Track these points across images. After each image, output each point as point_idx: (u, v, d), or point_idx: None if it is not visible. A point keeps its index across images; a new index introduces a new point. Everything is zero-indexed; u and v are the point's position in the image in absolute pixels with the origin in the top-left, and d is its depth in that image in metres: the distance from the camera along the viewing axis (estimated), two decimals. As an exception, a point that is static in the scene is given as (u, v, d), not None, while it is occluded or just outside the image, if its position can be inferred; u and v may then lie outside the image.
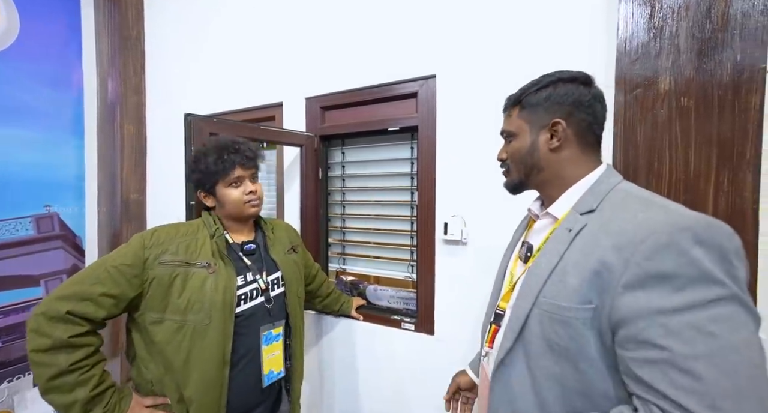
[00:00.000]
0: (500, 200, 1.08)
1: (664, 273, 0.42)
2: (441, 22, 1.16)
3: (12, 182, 1.69)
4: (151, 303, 0.77)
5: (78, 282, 0.73)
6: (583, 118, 0.58)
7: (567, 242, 0.53)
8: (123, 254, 0.77)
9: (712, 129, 0.76)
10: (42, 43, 1.78)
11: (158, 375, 0.78)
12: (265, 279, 0.91)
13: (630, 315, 0.44)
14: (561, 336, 0.51)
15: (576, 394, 0.51)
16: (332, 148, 1.50)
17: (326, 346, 1.44)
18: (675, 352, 0.40)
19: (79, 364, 0.70)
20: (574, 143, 0.59)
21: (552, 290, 0.53)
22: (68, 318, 0.69)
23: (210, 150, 0.87)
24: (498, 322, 0.64)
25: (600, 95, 0.59)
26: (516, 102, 0.64)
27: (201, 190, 0.90)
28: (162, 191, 1.95)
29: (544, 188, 0.63)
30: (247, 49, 1.59)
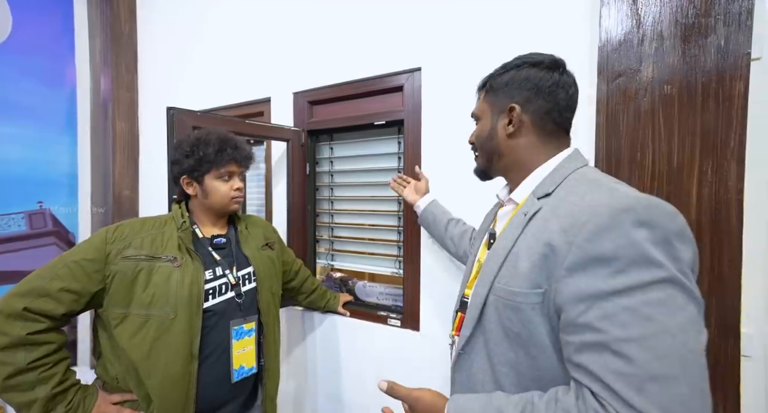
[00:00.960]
0: (486, 194, 1.06)
1: (603, 255, 0.42)
2: (426, 15, 1.15)
3: (4, 179, 1.70)
4: (114, 299, 0.76)
5: (36, 278, 0.71)
6: (541, 104, 0.56)
7: (521, 227, 0.53)
8: (84, 249, 0.75)
9: (696, 118, 0.73)
10: (34, 40, 1.78)
11: (122, 371, 0.77)
12: (235, 274, 0.89)
13: (571, 298, 0.43)
14: (513, 322, 0.50)
15: (530, 380, 0.50)
16: (320, 143, 1.49)
17: (312, 342, 1.42)
18: (610, 335, 0.40)
19: (40, 362, 0.68)
20: (530, 130, 0.57)
21: (505, 276, 0.52)
22: (26, 315, 0.68)
23: (212, 140, 0.87)
24: (464, 310, 0.63)
25: (566, 82, 0.56)
26: (483, 85, 0.64)
27: (187, 176, 0.87)
28: (154, 187, 1.95)
29: (507, 174, 0.63)
30: (235, 46, 1.59)
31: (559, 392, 0.45)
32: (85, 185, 2.02)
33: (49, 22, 1.85)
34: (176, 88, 1.84)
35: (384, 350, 1.27)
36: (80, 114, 2.00)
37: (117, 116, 1.93)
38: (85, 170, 2.02)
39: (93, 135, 2.00)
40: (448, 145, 1.13)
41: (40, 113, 1.82)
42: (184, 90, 1.80)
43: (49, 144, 1.86)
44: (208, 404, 0.82)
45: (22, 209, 1.77)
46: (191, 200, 0.92)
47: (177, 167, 0.87)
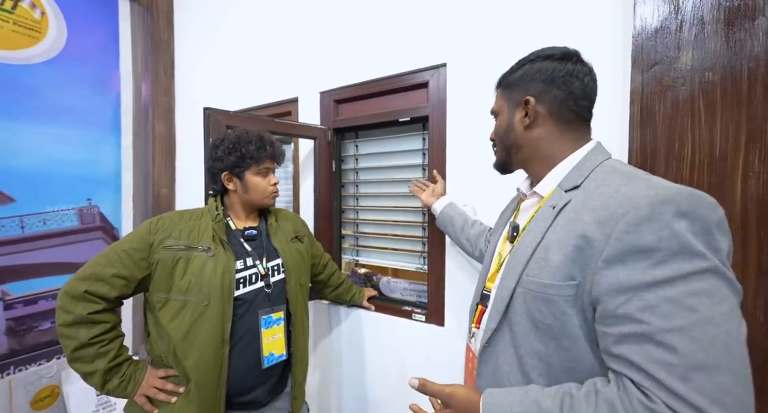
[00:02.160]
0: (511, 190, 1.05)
1: (644, 247, 0.42)
2: (452, 9, 1.15)
3: (58, 177, 1.85)
4: (157, 284, 0.83)
5: (94, 264, 0.80)
6: (556, 94, 0.57)
7: (550, 220, 0.53)
8: (131, 239, 0.83)
9: (741, 105, 0.69)
10: (85, 50, 1.94)
11: (165, 350, 0.83)
12: (264, 265, 0.94)
13: (609, 290, 0.43)
14: (545, 314, 0.50)
15: (560, 371, 0.50)
16: (346, 141, 1.52)
17: (337, 335, 1.46)
18: (652, 326, 0.40)
19: (98, 338, 0.77)
20: (548, 121, 0.58)
21: (535, 268, 0.52)
22: (86, 297, 0.76)
23: (252, 138, 0.92)
24: (484, 303, 0.64)
25: (580, 71, 0.57)
26: (500, 82, 0.66)
27: (229, 172, 0.93)
28: (189, 185, 2.06)
29: (528, 167, 0.63)
30: (264, 49, 1.65)
31: (597, 383, 0.45)
32: (128, 184, 2.17)
33: (98, 33, 2.00)
34: (209, 91, 1.94)
35: (408, 344, 1.28)
36: (124, 117, 2.14)
37: (156, 118, 2.05)
38: (128, 170, 2.16)
39: (135, 137, 2.14)
40: (473, 141, 1.12)
41: (89, 116, 1.97)
42: (217, 93, 1.90)
43: (96, 146, 2.01)
44: (240, 387, 0.87)
45: (74, 206, 1.92)
46: (228, 195, 0.97)
47: (219, 163, 0.92)
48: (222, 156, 0.92)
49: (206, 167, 0.97)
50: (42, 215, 1.80)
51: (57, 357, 1.81)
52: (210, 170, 0.95)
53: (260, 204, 0.97)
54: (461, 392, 0.54)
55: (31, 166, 1.75)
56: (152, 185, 2.06)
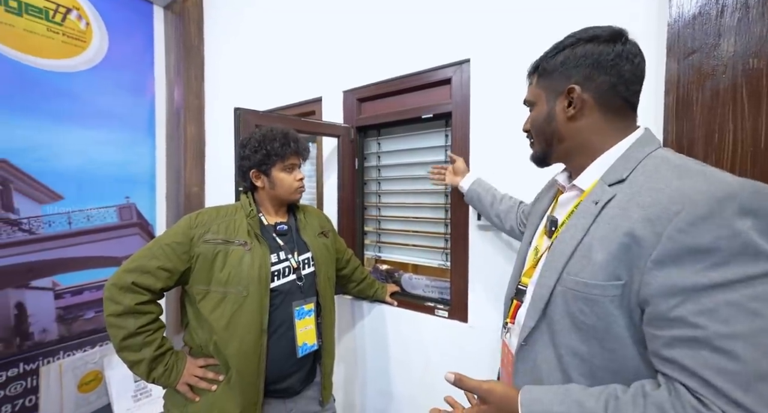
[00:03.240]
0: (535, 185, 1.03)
1: (700, 247, 0.39)
2: (475, 4, 1.14)
3: (100, 176, 1.99)
4: (198, 276, 0.87)
5: (140, 257, 0.84)
6: (604, 80, 0.52)
7: (593, 216, 0.50)
8: (174, 233, 0.87)
9: (789, 94, 0.66)
10: (124, 57, 2.06)
11: (205, 340, 0.87)
12: (296, 259, 0.97)
13: (661, 291, 0.41)
14: (587, 315, 0.48)
15: (604, 372, 0.48)
16: (368, 138, 1.54)
17: (360, 330, 1.48)
18: (709, 331, 0.38)
19: (145, 328, 0.82)
20: (595, 109, 0.53)
21: (576, 267, 0.50)
22: (133, 288, 0.81)
23: (277, 135, 0.96)
24: (520, 298, 0.62)
25: (628, 52, 0.51)
26: (535, 69, 0.61)
27: (256, 170, 0.96)
28: (217, 184, 2.15)
29: (569, 159, 0.60)
30: (288, 51, 1.70)
31: (646, 386, 0.43)
32: (162, 183, 2.29)
33: (135, 41, 2.12)
34: (237, 93, 2.01)
35: (431, 340, 1.28)
36: (158, 120, 2.26)
37: (187, 120, 2.15)
38: (162, 170, 2.28)
39: (168, 139, 2.25)
40: (498, 138, 1.11)
41: (127, 120, 2.10)
42: (242, 95, 1.97)
43: (133, 147, 2.14)
44: (277, 375, 0.91)
45: (114, 203, 2.05)
46: (258, 192, 1.01)
47: (247, 161, 0.97)
48: (249, 154, 0.96)
49: (236, 165, 1.01)
50: (86, 212, 1.93)
51: (100, 344, 1.94)
52: (239, 168, 0.99)
53: (287, 199, 1.00)
54: (499, 388, 0.52)
55: (76, 166, 1.88)
56: (183, 184, 2.16)
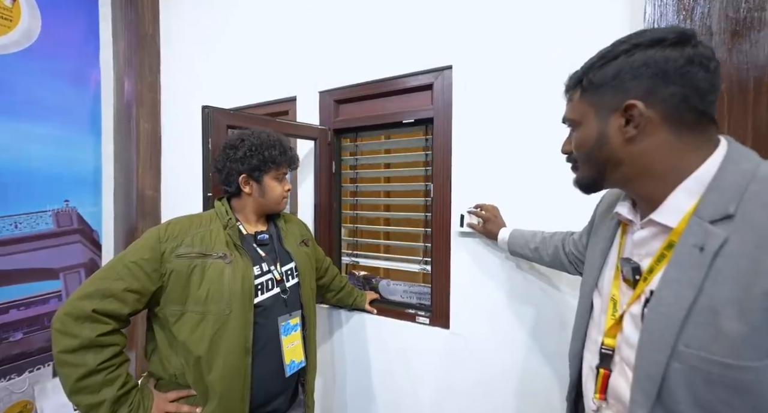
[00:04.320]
0: (518, 193, 1.06)
1: None
2: (457, 11, 1.14)
3: (32, 177, 1.73)
4: (171, 296, 0.77)
5: (100, 280, 0.72)
6: (673, 92, 0.43)
7: (703, 268, 0.40)
8: (140, 249, 0.77)
9: (747, 113, 0.73)
10: (62, 42, 1.82)
11: (180, 368, 0.78)
12: (279, 270, 0.91)
13: None
14: (736, 408, 0.37)
15: None
16: (346, 141, 1.50)
17: (339, 340, 1.43)
18: None
19: (107, 364, 0.70)
20: (662, 128, 0.44)
21: (698, 338, 0.39)
22: (94, 317, 0.69)
23: (275, 142, 0.91)
24: (607, 365, 0.51)
25: (702, 56, 0.43)
26: (577, 82, 0.51)
27: (248, 175, 0.89)
28: (176, 187, 1.97)
29: (632, 187, 0.50)
30: (260, 45, 1.60)
31: None
32: (109, 185, 2.05)
33: (76, 24, 1.88)
34: (198, 89, 1.86)
35: (413, 348, 1.27)
36: (104, 114, 2.02)
37: (141, 116, 1.95)
38: (109, 170, 2.05)
39: (117, 135, 2.02)
40: (480, 144, 1.12)
41: (65, 113, 1.85)
42: (207, 90, 1.82)
43: (74, 144, 1.89)
44: (263, 397, 0.84)
45: (50, 208, 1.80)
46: (240, 198, 0.93)
47: (238, 165, 0.88)
48: (242, 158, 0.88)
49: (218, 167, 0.92)
50: (13, 218, 1.67)
51: (29, 370, 1.68)
52: (225, 170, 0.90)
53: (273, 209, 0.95)
54: None
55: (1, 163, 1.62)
56: (136, 186, 1.95)
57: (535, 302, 1.06)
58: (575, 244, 0.81)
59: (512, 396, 1.08)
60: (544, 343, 1.04)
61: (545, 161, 1.01)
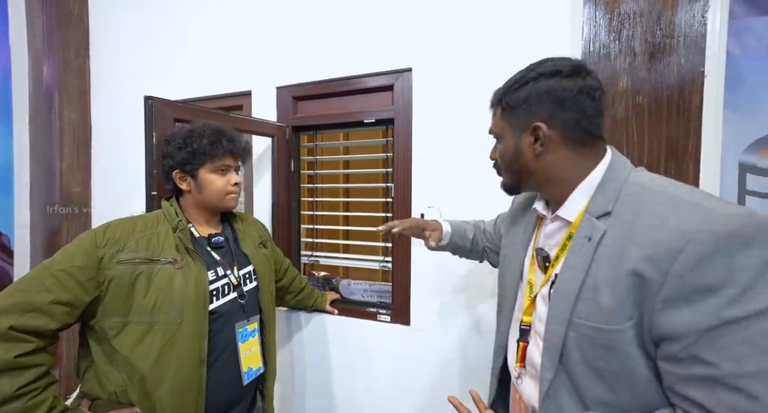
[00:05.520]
0: (476, 192, 1.12)
1: (709, 286, 0.39)
2: (417, 17, 1.18)
3: None
4: (110, 307, 0.69)
5: (19, 292, 0.63)
6: (568, 117, 0.51)
7: (590, 254, 0.49)
8: (71, 256, 0.68)
9: (662, 125, 0.85)
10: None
11: (122, 385, 0.70)
12: (236, 274, 0.86)
13: (673, 331, 0.41)
14: (609, 361, 0.46)
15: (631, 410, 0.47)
16: (304, 139, 1.46)
17: (298, 342, 1.39)
18: (724, 369, 0.38)
19: (28, 387, 0.60)
20: (561, 145, 0.53)
21: (585, 310, 0.48)
22: (11, 335, 0.60)
23: (206, 132, 0.84)
24: (525, 338, 0.60)
25: (588, 86, 0.51)
26: (498, 101, 0.60)
27: (180, 170, 0.83)
28: (110, 184, 1.77)
29: (543, 190, 0.59)
30: (211, 33, 1.50)
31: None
32: (23, 181, 1.78)
33: (-22, -7, 1.60)
34: (137, 77, 1.69)
35: (375, 345, 1.28)
36: (16, 100, 1.75)
37: (64, 104, 1.72)
38: (24, 164, 1.78)
39: (33, 124, 1.76)
40: (440, 144, 1.17)
41: (-35, 96, 1.57)
42: (147, 79, 1.66)
43: (-23, 133, 1.61)
44: (219, 407, 0.79)
45: (-56, 209, 1.51)
46: (184, 197, 0.86)
47: (169, 160, 0.82)
48: (172, 152, 0.82)
49: (158, 164, 0.85)
50: None
51: None
52: (162, 167, 0.84)
53: (218, 206, 0.87)
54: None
55: None
56: (59, 182, 1.72)
57: (489, 295, 1.13)
58: (490, 237, 0.90)
59: (473, 386, 1.13)
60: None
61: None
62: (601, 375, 0.47)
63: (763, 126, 0.81)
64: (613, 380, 0.47)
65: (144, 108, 0.98)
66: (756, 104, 0.81)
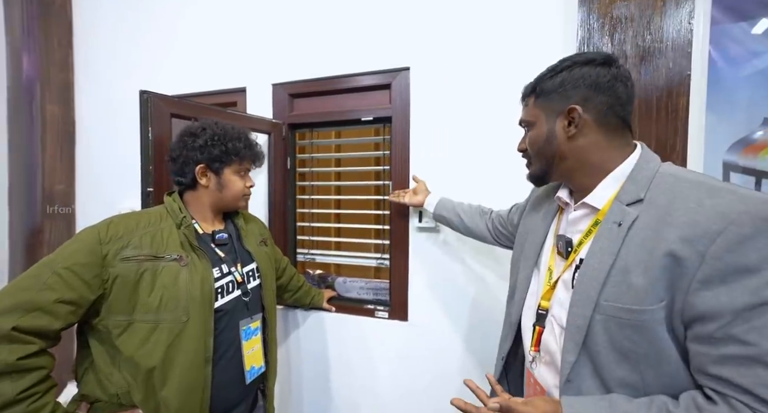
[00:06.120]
0: (474, 189, 1.15)
1: (748, 266, 0.40)
2: (414, 17, 1.19)
3: None
4: (115, 305, 0.68)
5: (21, 291, 0.61)
6: (602, 100, 0.54)
7: (620, 239, 0.50)
8: (74, 253, 0.66)
9: (652, 126, 0.89)
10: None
11: (125, 387, 0.69)
12: (240, 271, 0.86)
13: (709, 311, 0.42)
14: (637, 343, 0.47)
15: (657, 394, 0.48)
16: (300, 136, 1.46)
17: (295, 340, 1.39)
18: (763, 348, 0.40)
19: (30, 391, 0.59)
20: (594, 129, 0.55)
21: (614, 293, 0.49)
22: (14, 336, 0.58)
23: (240, 134, 0.87)
24: (542, 323, 0.61)
25: (622, 75, 0.54)
26: (532, 90, 0.62)
27: (206, 165, 0.83)
28: (96, 181, 1.72)
29: (573, 177, 0.60)
30: (203, 27, 1.47)
31: (697, 399, 0.44)
32: (2, 177, 1.70)
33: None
34: (126, 71, 1.64)
35: (373, 342, 1.29)
36: (-6, 93, 1.68)
37: (47, 98, 1.65)
38: (2, 159, 1.70)
39: (12, 118, 1.69)
40: (438, 143, 1.19)
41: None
42: (137, 73, 1.62)
43: (-49, 128, 1.53)
44: (223, 406, 0.78)
45: None
46: (195, 192, 0.85)
47: (197, 153, 0.81)
48: (202, 146, 0.81)
49: (173, 156, 0.84)
50: None
51: None
52: (180, 159, 0.82)
53: (231, 205, 0.89)
54: (539, 401, 0.51)
55: None
56: (41, 179, 1.65)
57: (487, 289, 1.15)
58: (502, 220, 0.94)
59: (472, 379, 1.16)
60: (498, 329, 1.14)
61: (496, 157, 1.11)
62: (628, 357, 0.48)
63: (743, 127, 0.86)
64: (640, 361, 0.48)
65: (139, 103, 0.95)
66: (735, 105, 0.87)
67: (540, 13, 1.05)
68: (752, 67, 0.85)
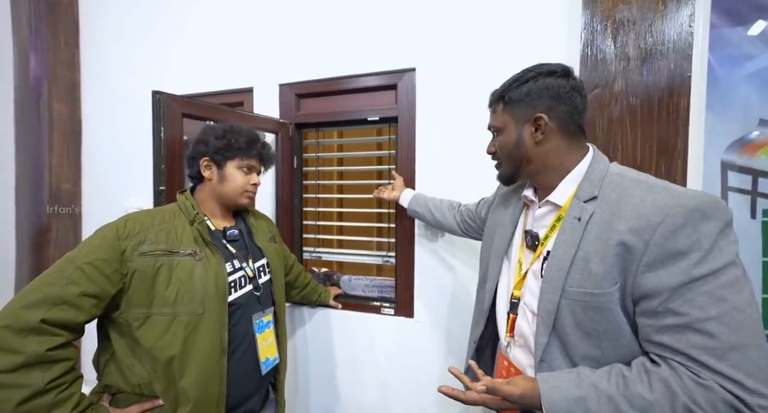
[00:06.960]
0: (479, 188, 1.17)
1: (680, 250, 0.48)
2: (420, 19, 1.21)
3: None
4: (134, 299, 0.70)
5: (47, 285, 0.63)
6: (563, 109, 0.60)
7: (580, 232, 0.57)
8: (96, 248, 0.68)
9: (653, 125, 0.91)
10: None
11: (146, 378, 0.71)
12: (251, 266, 0.88)
13: (652, 290, 0.50)
14: (598, 321, 0.54)
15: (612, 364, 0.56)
16: (306, 136, 1.48)
17: (302, 337, 1.41)
18: (692, 317, 0.47)
19: (58, 381, 0.61)
20: (557, 135, 0.61)
21: (577, 280, 0.56)
22: (43, 329, 0.60)
23: (246, 132, 0.89)
24: (515, 311, 0.67)
25: (578, 86, 0.62)
26: (500, 98, 0.67)
27: (210, 158, 0.85)
28: (102, 179, 1.73)
29: (537, 178, 0.66)
30: (210, 27, 1.49)
31: (645, 363, 0.51)
32: (8, 176, 1.72)
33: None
34: (133, 70, 1.65)
35: (378, 338, 1.31)
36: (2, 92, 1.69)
37: (54, 97, 1.67)
38: (9, 158, 1.71)
39: (19, 117, 1.70)
40: (443, 143, 1.21)
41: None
42: (144, 73, 1.63)
43: (-41, 126, 1.55)
44: (239, 398, 0.80)
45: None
46: (202, 187, 0.88)
47: (202, 146, 0.85)
48: (208, 139, 0.85)
49: (190, 155, 0.88)
50: None
51: None
52: (191, 154, 0.87)
53: (233, 201, 0.89)
54: (518, 380, 0.57)
55: None
56: (48, 178, 1.67)
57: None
58: (470, 214, 1.01)
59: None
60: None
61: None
62: (590, 334, 0.56)
63: (741, 127, 0.89)
64: (601, 337, 0.55)
65: (152, 103, 0.97)
66: (733, 106, 0.89)
67: (544, 16, 1.07)
68: (748, 69, 0.88)
